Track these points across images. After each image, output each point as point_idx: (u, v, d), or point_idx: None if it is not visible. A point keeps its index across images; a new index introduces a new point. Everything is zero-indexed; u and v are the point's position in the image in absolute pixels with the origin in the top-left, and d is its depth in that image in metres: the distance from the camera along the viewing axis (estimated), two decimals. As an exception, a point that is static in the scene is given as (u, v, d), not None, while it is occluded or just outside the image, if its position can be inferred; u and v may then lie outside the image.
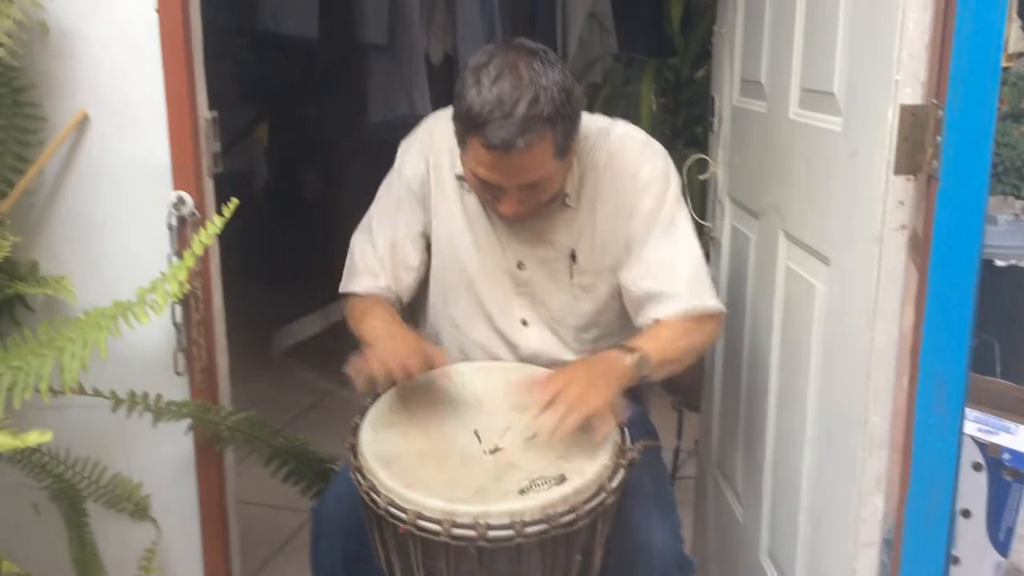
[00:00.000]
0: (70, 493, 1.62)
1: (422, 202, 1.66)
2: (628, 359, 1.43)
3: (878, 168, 1.20)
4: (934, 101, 1.15)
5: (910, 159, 1.17)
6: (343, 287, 1.70)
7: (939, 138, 1.14)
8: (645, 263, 1.57)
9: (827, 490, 1.44)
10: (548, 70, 1.39)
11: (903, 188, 1.19)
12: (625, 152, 1.60)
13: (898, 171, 1.18)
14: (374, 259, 1.67)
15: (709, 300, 1.57)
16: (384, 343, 1.48)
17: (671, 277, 1.55)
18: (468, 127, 1.39)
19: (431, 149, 1.66)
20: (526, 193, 1.46)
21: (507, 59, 1.39)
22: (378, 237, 1.68)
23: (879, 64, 1.20)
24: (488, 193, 1.49)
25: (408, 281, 1.69)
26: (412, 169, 1.66)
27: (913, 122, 1.16)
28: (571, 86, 1.42)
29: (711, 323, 1.58)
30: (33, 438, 0.84)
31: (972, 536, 2.23)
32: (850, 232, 1.31)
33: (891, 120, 1.17)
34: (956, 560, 2.25)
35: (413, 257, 1.67)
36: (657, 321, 1.54)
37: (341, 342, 1.63)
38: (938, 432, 1.23)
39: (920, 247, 1.19)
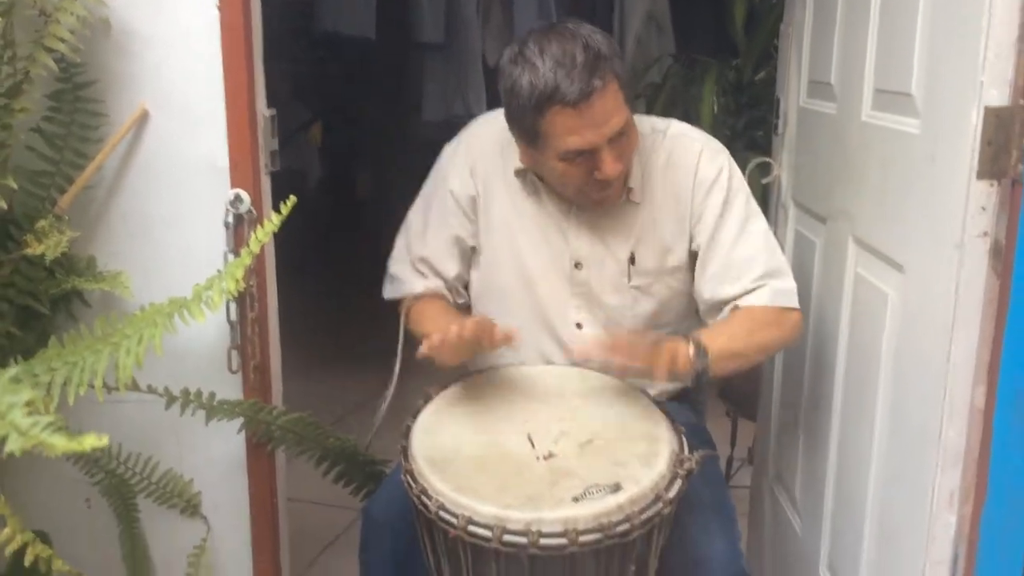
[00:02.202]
0: (122, 489, 1.62)
1: (467, 214, 1.65)
2: (685, 349, 1.40)
3: (959, 172, 1.15)
4: (1021, 102, 1.10)
5: (994, 163, 1.12)
6: (387, 293, 1.71)
7: (1026, 141, 1.08)
8: (723, 266, 1.54)
9: (896, 505, 1.39)
10: (577, 27, 1.41)
11: (986, 193, 1.14)
12: (684, 152, 1.57)
13: (981, 176, 1.13)
14: (414, 266, 1.68)
15: (791, 300, 1.53)
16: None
17: (751, 277, 1.52)
18: (540, 105, 1.37)
19: (479, 156, 1.64)
20: (618, 148, 1.43)
21: (537, 36, 1.40)
22: (414, 251, 1.68)
23: (962, 64, 1.15)
24: (584, 168, 1.44)
25: (449, 287, 1.69)
26: (457, 179, 1.64)
27: (998, 124, 1.11)
28: (603, 33, 1.42)
29: (789, 319, 1.53)
30: (90, 441, 0.82)
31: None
32: (928, 239, 1.26)
33: (975, 123, 1.12)
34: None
35: (450, 269, 1.67)
36: (735, 309, 1.52)
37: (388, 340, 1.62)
38: (1017, 448, 1.17)
39: (1002, 255, 1.14)
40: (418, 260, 1.67)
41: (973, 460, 1.23)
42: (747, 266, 1.52)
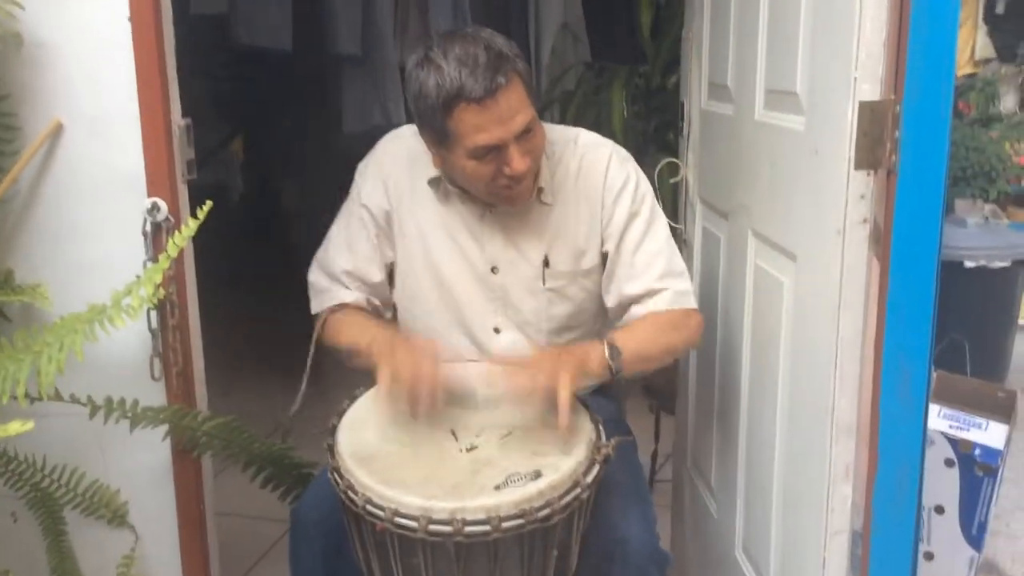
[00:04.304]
0: (47, 501, 1.61)
1: (383, 228, 1.68)
2: (599, 349, 1.47)
3: (840, 164, 1.24)
4: (892, 97, 1.18)
5: (870, 154, 1.21)
6: (315, 308, 1.71)
7: (897, 133, 1.17)
8: (628, 266, 1.61)
9: (797, 481, 1.46)
10: (477, 31, 1.46)
11: (864, 182, 1.22)
12: (595, 159, 1.63)
13: (858, 166, 1.22)
14: (338, 279, 1.69)
15: (691, 301, 1.63)
16: (399, 354, 1.45)
17: (652, 277, 1.60)
18: (447, 104, 1.41)
19: (389, 171, 1.68)
20: (525, 144, 1.47)
21: (441, 41, 1.45)
22: (335, 264, 1.69)
23: (839, 62, 1.24)
24: (493, 165, 1.48)
25: (376, 299, 1.71)
26: (370, 196, 1.68)
27: (872, 118, 1.20)
28: (504, 36, 1.48)
29: (692, 321, 1.63)
30: (14, 428, 0.85)
31: (946, 532, 2.27)
32: (814, 228, 1.34)
33: (851, 116, 1.21)
34: (930, 556, 2.28)
35: (375, 275, 1.69)
36: (642, 315, 1.59)
37: (319, 352, 1.64)
38: (903, 420, 1.26)
39: (882, 240, 1.23)
40: (342, 273, 1.69)
41: (865, 433, 1.31)
42: (649, 267, 1.60)
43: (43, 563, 1.64)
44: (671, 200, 2.22)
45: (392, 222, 1.68)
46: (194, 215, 1.34)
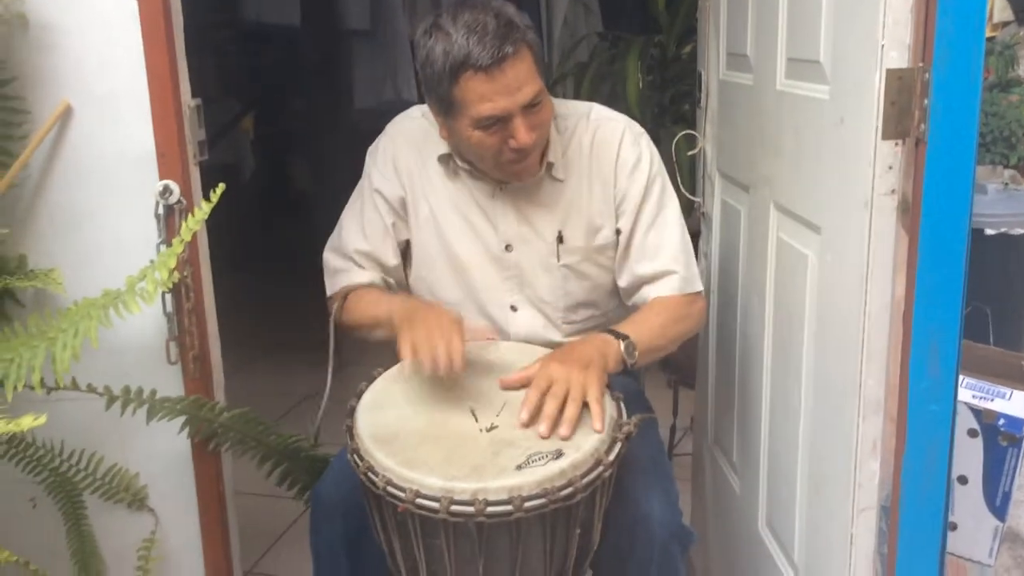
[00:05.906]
0: (67, 486, 1.61)
1: (398, 213, 1.67)
2: (617, 344, 1.47)
3: (866, 134, 1.20)
4: (920, 64, 1.15)
5: (898, 123, 1.18)
6: (330, 289, 1.70)
7: (926, 101, 1.14)
8: (641, 246, 1.61)
9: (823, 457, 1.44)
10: (488, 1, 1.44)
11: (891, 153, 1.19)
12: (608, 133, 1.62)
13: (886, 136, 1.18)
14: (353, 259, 1.68)
15: (698, 284, 1.64)
16: (419, 324, 1.43)
17: (664, 259, 1.60)
18: (454, 71, 1.40)
19: (400, 153, 1.66)
20: (532, 117, 1.46)
21: (450, 9, 1.43)
22: (349, 245, 1.68)
23: (864, 29, 1.20)
24: (499, 137, 1.46)
25: (391, 279, 1.70)
26: (382, 181, 1.66)
27: (900, 86, 1.16)
28: (515, 7, 1.47)
29: (696, 308, 1.64)
30: (27, 422, 0.83)
31: (969, 502, 2.25)
32: (840, 200, 1.31)
33: (878, 85, 1.17)
34: (954, 526, 2.26)
35: (391, 258, 1.68)
36: (651, 301, 1.60)
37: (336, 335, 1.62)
38: (932, 396, 1.23)
39: (910, 211, 1.20)
40: (356, 253, 1.67)
41: (893, 408, 1.28)
42: (660, 248, 1.61)
43: (63, 548, 1.65)
44: (689, 173, 2.19)
45: (407, 206, 1.67)
46: (206, 195, 1.32)
